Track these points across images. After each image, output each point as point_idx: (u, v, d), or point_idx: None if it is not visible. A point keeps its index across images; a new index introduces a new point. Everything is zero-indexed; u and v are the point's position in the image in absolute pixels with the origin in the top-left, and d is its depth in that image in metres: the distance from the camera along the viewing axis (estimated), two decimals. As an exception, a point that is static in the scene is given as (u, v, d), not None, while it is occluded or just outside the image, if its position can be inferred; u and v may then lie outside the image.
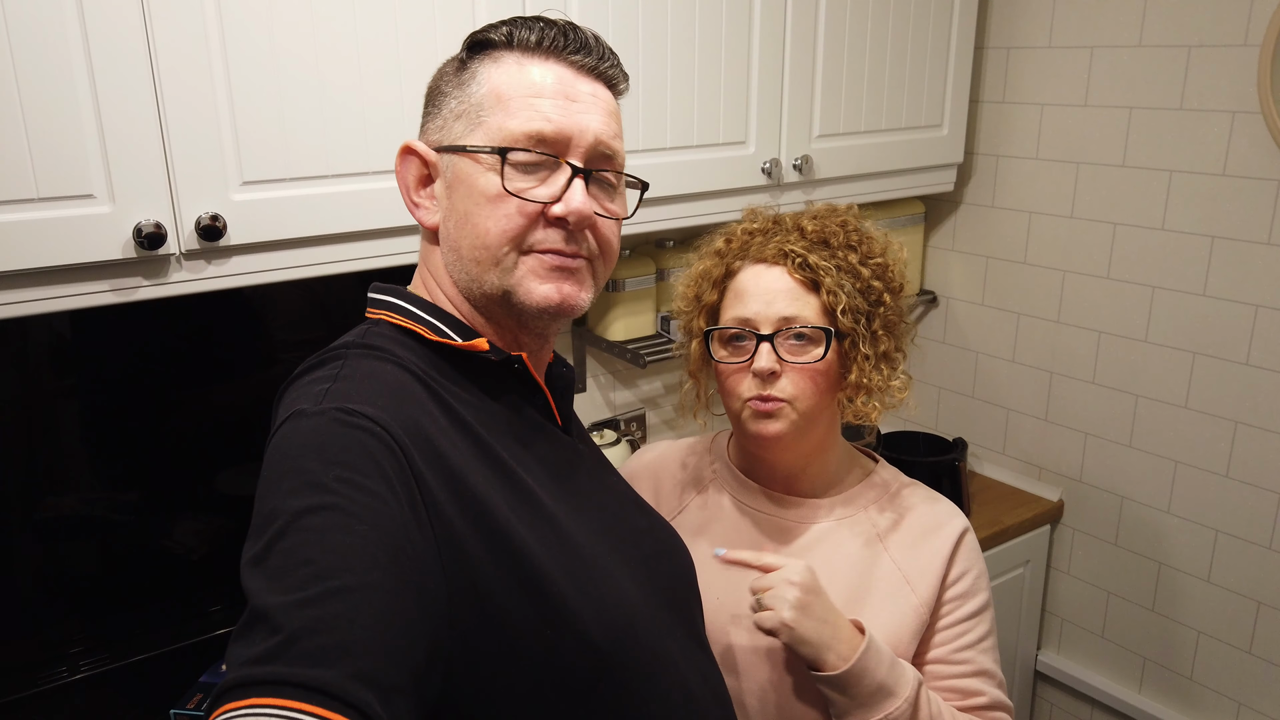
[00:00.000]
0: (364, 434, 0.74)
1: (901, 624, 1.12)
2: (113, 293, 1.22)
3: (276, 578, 0.66)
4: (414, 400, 0.81)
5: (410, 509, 0.73)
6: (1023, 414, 2.26)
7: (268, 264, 1.32)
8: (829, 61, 1.84)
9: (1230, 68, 1.78)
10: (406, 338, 0.88)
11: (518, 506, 0.82)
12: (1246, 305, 1.83)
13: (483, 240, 0.85)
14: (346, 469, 0.71)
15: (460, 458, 0.80)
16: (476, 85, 0.87)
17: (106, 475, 1.56)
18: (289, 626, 0.62)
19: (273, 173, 1.28)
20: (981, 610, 1.16)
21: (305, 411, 0.76)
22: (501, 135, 0.84)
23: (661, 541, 1.01)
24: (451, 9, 1.38)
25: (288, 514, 0.69)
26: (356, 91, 1.32)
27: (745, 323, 1.12)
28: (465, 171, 0.86)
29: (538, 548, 0.80)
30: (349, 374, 0.81)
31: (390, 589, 0.68)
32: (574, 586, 0.81)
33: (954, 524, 1.18)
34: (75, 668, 1.54)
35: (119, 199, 1.18)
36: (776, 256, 1.12)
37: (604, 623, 0.82)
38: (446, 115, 0.88)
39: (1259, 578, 1.90)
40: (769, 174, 1.80)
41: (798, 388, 1.10)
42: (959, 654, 1.14)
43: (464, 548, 0.76)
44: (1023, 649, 2.27)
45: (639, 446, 2.10)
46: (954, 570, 1.15)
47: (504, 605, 0.77)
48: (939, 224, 2.34)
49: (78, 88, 1.13)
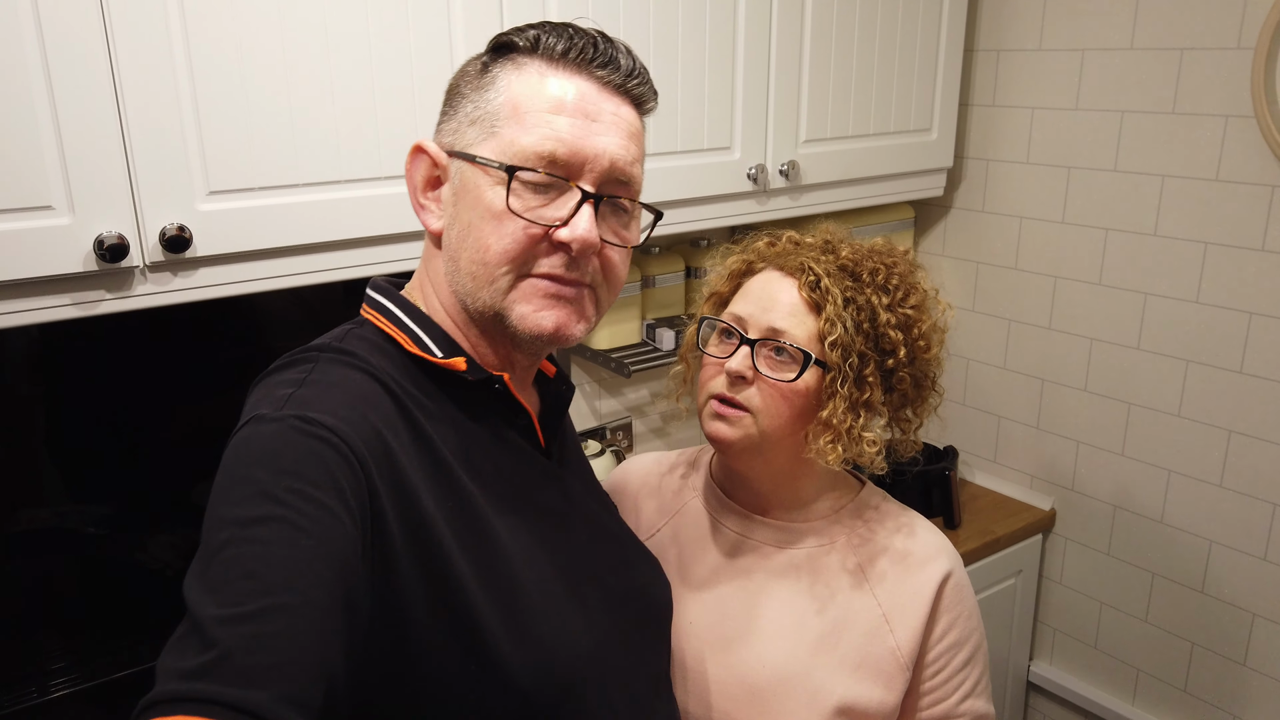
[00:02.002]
0: (321, 444, 0.71)
1: (877, 666, 1.08)
2: (74, 306, 1.18)
3: (216, 589, 0.64)
4: (379, 412, 0.78)
5: (360, 524, 0.71)
6: (1014, 422, 2.23)
7: (237, 275, 1.29)
8: (815, 65, 1.81)
9: (1223, 71, 1.75)
10: (387, 344, 0.85)
11: (466, 536, 0.79)
12: (1240, 312, 1.80)
13: (482, 256, 0.82)
14: (299, 479, 0.69)
15: (415, 477, 0.77)
16: (495, 92, 0.83)
17: (81, 488, 1.53)
18: (224, 642, 0.61)
19: (241, 182, 1.25)
20: (974, 653, 1.12)
21: (265, 416, 0.74)
22: (513, 150, 0.81)
23: (636, 576, 0.98)
24: (425, 15, 1.35)
25: (234, 524, 0.67)
26: (327, 99, 1.29)
27: (738, 320, 1.09)
28: (473, 182, 0.82)
29: (475, 584, 0.78)
30: (316, 379, 0.78)
31: (330, 608, 0.66)
32: (509, 628, 0.79)
33: (939, 564, 1.12)
34: (46, 688, 1.51)
35: (79, 210, 1.14)
36: (794, 269, 1.09)
37: (536, 671, 0.80)
38: (461, 119, 0.85)
39: (1253, 588, 1.88)
40: (754, 180, 1.77)
41: (764, 402, 1.06)
42: (961, 706, 1.10)
43: (400, 574, 0.74)
44: (1015, 660, 2.25)
45: (624, 455, 2.07)
46: (940, 621, 1.10)
47: (429, 638, 0.75)
48: (929, 229, 2.31)
49: (34, 94, 1.09)
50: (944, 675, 1.10)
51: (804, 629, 1.09)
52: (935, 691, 1.10)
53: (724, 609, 1.12)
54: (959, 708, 1.10)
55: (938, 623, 1.10)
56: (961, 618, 1.12)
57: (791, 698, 1.06)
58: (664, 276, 1.97)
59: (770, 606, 1.11)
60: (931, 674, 1.10)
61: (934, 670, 1.10)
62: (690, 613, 1.12)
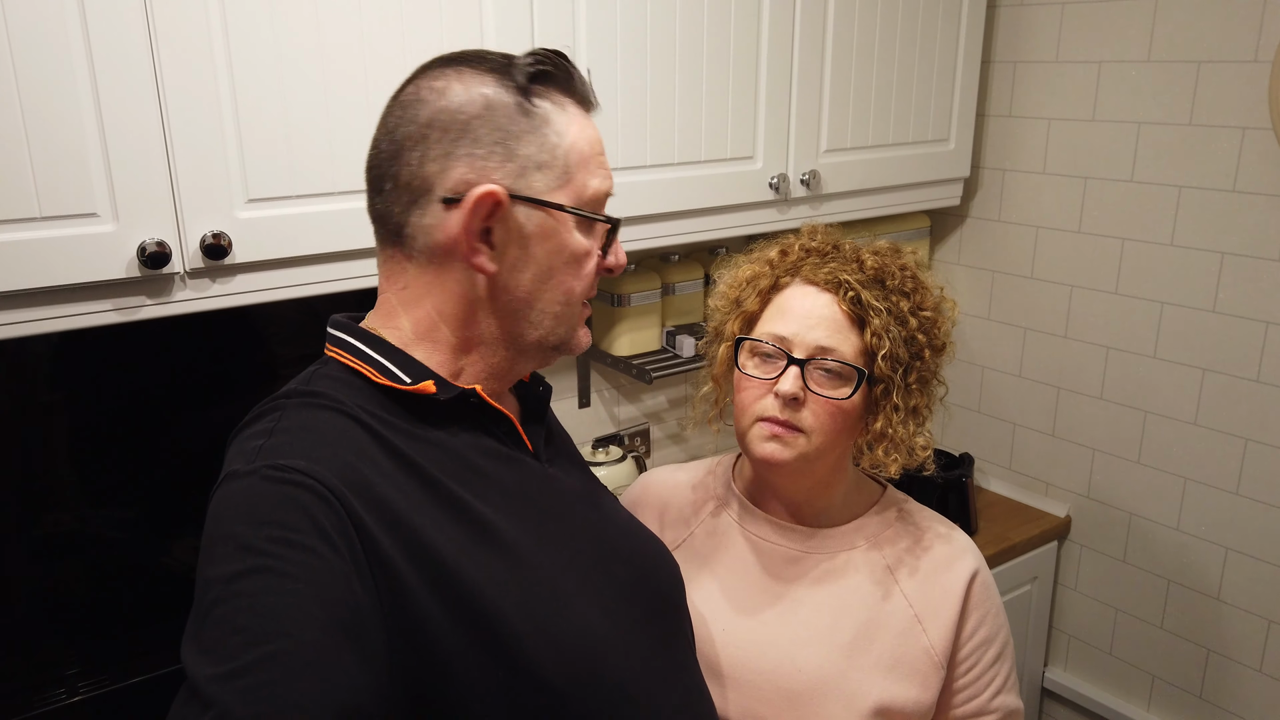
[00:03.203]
0: (296, 489, 0.73)
1: (912, 665, 1.10)
2: (115, 312, 1.20)
3: (209, 650, 0.66)
4: (354, 446, 0.79)
5: (350, 560, 0.72)
6: (1030, 429, 2.24)
7: (274, 282, 1.30)
8: (836, 76, 1.83)
9: (1240, 83, 1.77)
10: (354, 378, 0.85)
11: (470, 546, 0.80)
12: (1257, 322, 1.82)
13: (568, 298, 0.88)
14: (278, 528, 0.70)
15: (406, 502, 0.78)
16: (557, 136, 0.84)
17: (104, 492, 1.54)
18: (220, 702, 0.62)
19: (279, 190, 1.27)
20: (1004, 649, 1.15)
21: (237, 472, 0.75)
22: (588, 195, 0.87)
23: (643, 563, 0.99)
24: (460, 25, 1.37)
25: (219, 582, 0.68)
26: (364, 107, 1.31)
27: (781, 340, 1.08)
28: (552, 228, 0.85)
29: (490, 588, 0.79)
30: (285, 427, 0.79)
31: (328, 646, 0.67)
32: (531, 625, 0.80)
33: (965, 562, 1.14)
34: (73, 690, 1.52)
35: (123, 218, 1.16)
36: (829, 283, 1.09)
37: (562, 662, 0.81)
38: (524, 162, 0.82)
39: (1270, 596, 1.89)
40: (776, 189, 1.78)
41: (818, 420, 1.06)
42: (994, 701, 1.13)
43: (410, 595, 0.75)
44: (1030, 666, 2.26)
45: (644, 462, 2.08)
46: (970, 619, 1.12)
47: (452, 650, 0.76)
48: (945, 238, 2.33)
49: (82, 105, 1.11)
50: (976, 672, 1.12)
51: (837, 632, 1.10)
52: (968, 689, 1.12)
53: (756, 617, 1.13)
54: (991, 703, 1.13)
55: (968, 620, 1.12)
56: (990, 614, 1.14)
57: (829, 701, 1.07)
58: (684, 284, 1.98)
59: (802, 612, 1.12)
60: (964, 671, 1.12)
61: (966, 668, 1.12)
62: (722, 621, 1.13)
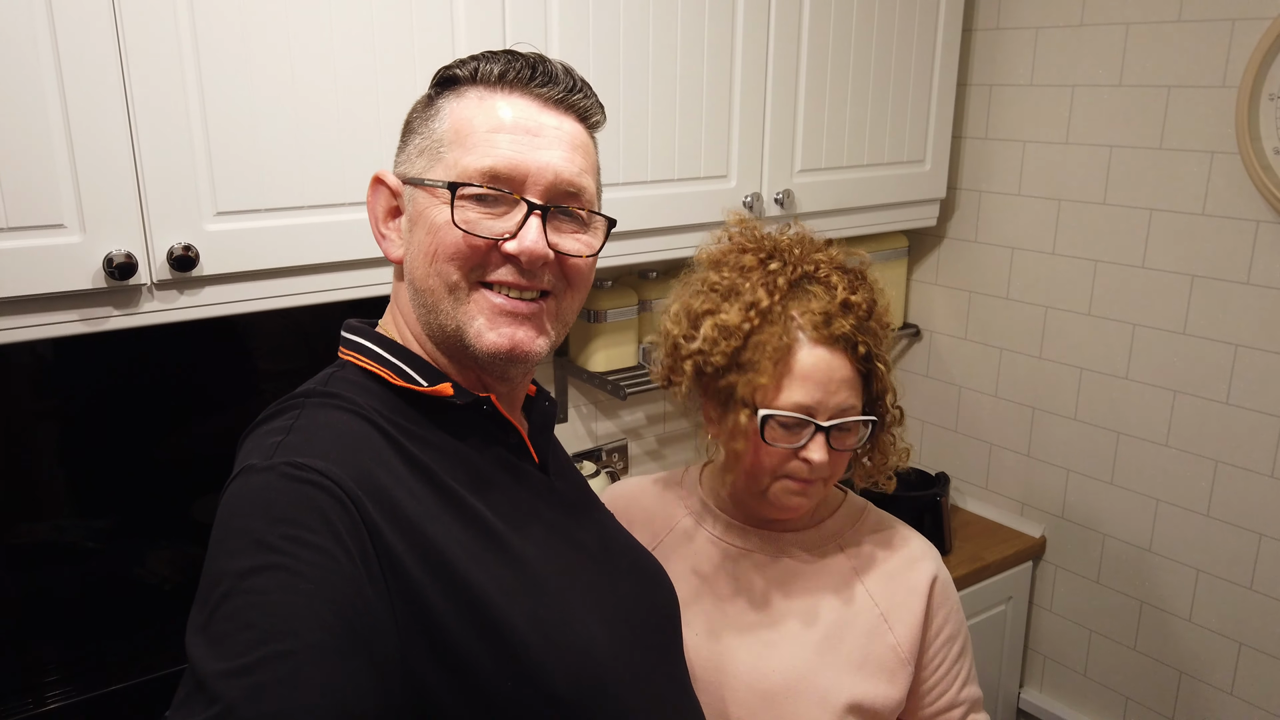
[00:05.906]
0: (313, 488, 0.73)
1: (880, 663, 1.14)
2: (82, 322, 1.21)
3: (217, 643, 0.65)
4: (370, 450, 0.80)
5: (362, 563, 0.72)
6: (1005, 449, 2.25)
7: (242, 294, 1.31)
8: (811, 96, 1.85)
9: (1208, 109, 1.79)
10: (371, 382, 0.87)
11: (481, 553, 0.80)
12: (1226, 345, 1.83)
13: (444, 279, 0.84)
14: (293, 526, 0.70)
15: (419, 506, 0.79)
16: (439, 121, 0.87)
17: (80, 502, 1.55)
18: (227, 696, 0.62)
19: (247, 203, 1.28)
20: (965, 644, 1.21)
21: (255, 467, 0.75)
22: (457, 171, 0.84)
23: (642, 578, 1.00)
24: (430, 40, 1.38)
25: (231, 576, 0.68)
26: (334, 122, 1.32)
27: (805, 410, 1.08)
28: (423, 205, 0.86)
29: (500, 597, 0.79)
30: (303, 425, 0.80)
31: (336, 648, 0.67)
32: (538, 635, 0.80)
33: (927, 563, 1.20)
34: (41, 699, 1.52)
35: (90, 229, 1.17)
36: (836, 343, 1.08)
37: (569, 673, 0.81)
38: (411, 150, 0.89)
39: (1240, 618, 1.89)
40: (750, 208, 1.80)
41: (835, 469, 1.13)
42: (961, 693, 1.19)
43: (421, 599, 0.75)
44: (1005, 687, 2.25)
45: (619, 477, 2.09)
46: (936, 617, 1.18)
47: (463, 656, 0.76)
48: (922, 258, 2.35)
49: (50, 116, 1.13)
50: (945, 667, 1.18)
51: (807, 633, 1.14)
52: (939, 684, 1.18)
53: (727, 620, 1.15)
54: (960, 695, 1.19)
55: (934, 619, 1.17)
56: (953, 613, 1.20)
57: (804, 700, 1.10)
58: (660, 301, 1.99)
59: (772, 614, 1.16)
60: (935, 668, 1.18)
61: (936, 664, 1.18)
62: (695, 625, 1.14)
